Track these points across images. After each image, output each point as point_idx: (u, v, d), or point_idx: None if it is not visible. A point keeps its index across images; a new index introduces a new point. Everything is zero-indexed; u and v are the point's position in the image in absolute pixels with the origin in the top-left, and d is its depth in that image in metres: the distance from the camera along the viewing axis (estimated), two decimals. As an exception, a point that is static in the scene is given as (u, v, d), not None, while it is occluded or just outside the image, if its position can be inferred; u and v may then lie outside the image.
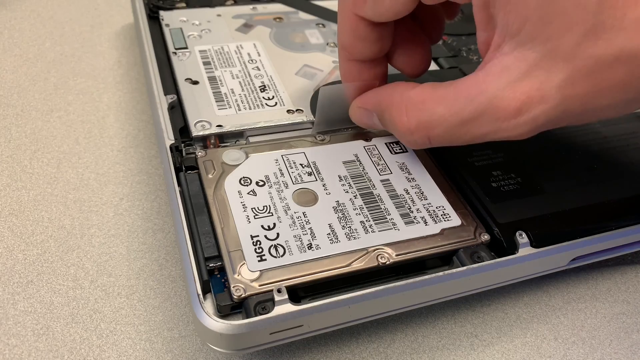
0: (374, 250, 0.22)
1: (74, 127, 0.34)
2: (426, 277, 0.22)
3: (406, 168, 0.26)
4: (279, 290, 0.21)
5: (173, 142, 0.27)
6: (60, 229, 0.28)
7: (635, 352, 0.25)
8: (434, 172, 0.26)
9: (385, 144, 0.28)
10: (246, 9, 0.38)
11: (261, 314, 0.20)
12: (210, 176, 0.24)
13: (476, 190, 0.25)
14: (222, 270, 0.21)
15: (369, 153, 0.27)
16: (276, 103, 0.30)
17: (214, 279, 0.21)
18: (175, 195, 0.24)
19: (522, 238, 0.24)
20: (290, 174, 0.25)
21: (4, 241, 0.27)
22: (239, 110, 0.29)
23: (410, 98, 0.22)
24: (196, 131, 0.27)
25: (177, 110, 0.29)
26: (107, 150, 0.33)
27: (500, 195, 0.25)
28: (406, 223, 0.24)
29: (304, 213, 0.23)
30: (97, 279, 0.26)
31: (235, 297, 0.20)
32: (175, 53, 0.33)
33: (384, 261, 0.22)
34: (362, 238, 0.23)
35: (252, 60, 0.33)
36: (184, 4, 0.38)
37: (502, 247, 0.24)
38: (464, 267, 0.23)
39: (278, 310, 0.20)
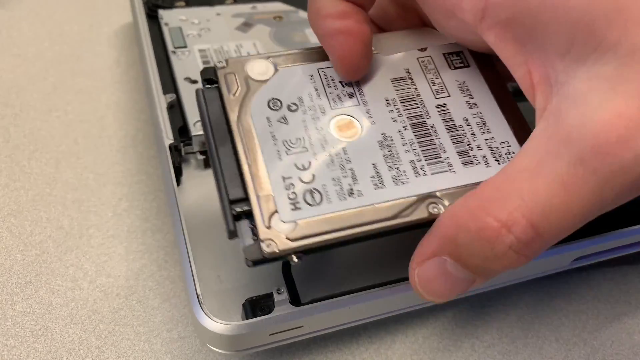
0: (426, 198, 0.19)
1: (72, 127, 0.34)
2: (427, 277, 0.22)
3: (467, 90, 0.22)
4: (279, 291, 0.20)
5: (172, 141, 0.27)
6: (58, 229, 0.28)
7: (637, 353, 0.25)
8: (500, 95, 0.22)
9: (444, 54, 0.22)
10: (246, 7, 0.38)
11: (261, 315, 0.20)
12: (232, 96, 0.20)
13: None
14: (249, 215, 0.18)
15: (423, 67, 0.22)
16: (276, 103, 0.30)
17: (240, 223, 0.18)
18: (174, 195, 0.24)
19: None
20: (328, 94, 0.21)
21: (2, 241, 0.27)
22: (239, 109, 0.29)
23: (483, 195, 0.17)
24: (195, 131, 0.27)
25: (176, 109, 0.29)
26: (106, 150, 0.33)
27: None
28: (464, 164, 0.20)
29: (344, 149, 0.19)
30: (96, 280, 0.26)
31: (266, 252, 0.17)
32: (174, 52, 0.33)
33: (436, 212, 0.18)
34: (412, 183, 0.19)
35: (251, 60, 0.33)
36: (183, 3, 0.38)
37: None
38: (465, 268, 0.23)
39: (278, 310, 0.20)
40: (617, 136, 0.14)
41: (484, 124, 0.21)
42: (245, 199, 0.18)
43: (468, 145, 0.20)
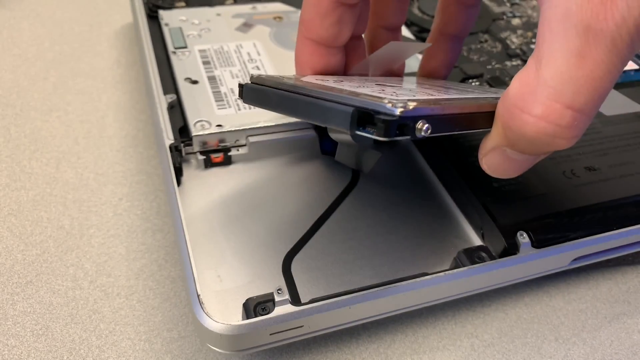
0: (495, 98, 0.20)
1: (73, 127, 0.34)
2: (427, 277, 0.22)
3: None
4: (279, 291, 0.20)
5: (172, 141, 0.27)
6: (59, 229, 0.28)
7: (636, 353, 0.25)
8: None
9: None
10: (246, 8, 0.38)
11: (261, 315, 0.20)
12: (285, 80, 0.21)
13: (477, 191, 0.25)
14: (362, 122, 0.17)
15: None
16: (276, 103, 0.30)
17: (362, 129, 0.17)
18: (174, 195, 0.24)
19: (523, 238, 0.24)
20: (359, 80, 0.23)
21: (3, 241, 0.27)
22: (239, 109, 0.29)
23: (515, 91, 0.17)
24: (196, 131, 0.27)
25: (176, 109, 0.29)
26: (107, 150, 0.33)
27: (501, 196, 0.25)
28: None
29: (409, 87, 0.22)
30: (97, 280, 0.26)
31: (398, 111, 0.16)
32: (174, 52, 0.33)
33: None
34: (475, 93, 0.22)
35: (251, 60, 0.33)
36: (183, 3, 0.38)
37: (504, 247, 0.24)
38: (465, 268, 0.23)
39: (278, 310, 0.20)
40: None
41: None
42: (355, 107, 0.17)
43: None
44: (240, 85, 0.22)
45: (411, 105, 0.16)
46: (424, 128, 0.17)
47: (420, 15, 0.40)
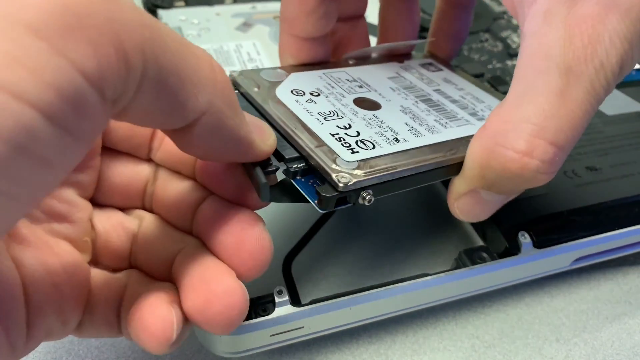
0: (462, 139, 0.20)
1: (72, 127, 0.34)
2: (428, 278, 0.22)
3: (450, 81, 0.25)
4: (279, 292, 0.20)
5: (172, 142, 0.27)
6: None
7: (637, 354, 0.25)
8: (475, 82, 0.26)
9: (420, 64, 0.27)
10: (245, 7, 0.38)
11: (261, 316, 0.20)
12: (256, 89, 0.21)
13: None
14: (306, 173, 0.18)
15: (408, 71, 0.26)
16: (276, 102, 0.30)
17: (298, 182, 0.18)
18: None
19: (525, 239, 0.23)
20: (341, 86, 0.23)
21: (2, 242, 0.27)
22: (239, 109, 0.29)
23: (494, 129, 0.18)
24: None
25: (176, 109, 0.29)
26: (106, 150, 0.33)
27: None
28: (479, 119, 0.23)
29: (374, 115, 0.21)
30: (96, 280, 0.26)
31: (340, 185, 0.17)
32: (174, 52, 0.33)
33: None
34: (443, 132, 0.21)
35: (251, 60, 0.33)
36: (182, 3, 0.38)
37: (505, 247, 0.24)
38: (466, 268, 0.23)
39: (279, 311, 0.20)
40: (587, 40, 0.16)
41: (477, 98, 0.24)
42: (300, 157, 0.18)
43: (473, 109, 0.23)
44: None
45: (350, 179, 0.17)
46: (366, 198, 0.17)
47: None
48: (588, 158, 0.28)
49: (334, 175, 0.17)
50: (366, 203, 0.17)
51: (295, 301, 0.21)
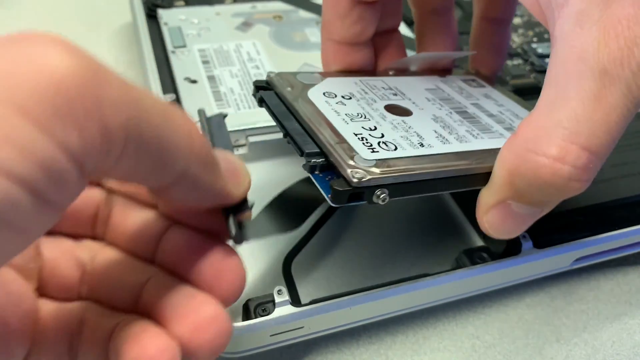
0: (492, 151, 0.19)
1: (72, 127, 0.34)
2: (428, 278, 0.22)
3: (491, 97, 0.25)
4: (279, 292, 0.20)
5: (172, 141, 0.26)
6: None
7: (638, 354, 0.25)
8: (518, 101, 0.25)
9: (462, 80, 0.26)
10: (245, 7, 0.38)
11: (261, 316, 0.20)
12: (289, 89, 0.21)
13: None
14: (325, 169, 0.18)
15: (448, 84, 0.25)
16: (276, 102, 0.30)
17: (316, 177, 0.18)
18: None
19: (525, 239, 0.23)
20: (374, 93, 0.23)
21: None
22: (239, 109, 0.29)
23: (525, 135, 0.17)
24: (195, 131, 0.27)
25: (176, 109, 0.29)
26: (106, 150, 0.33)
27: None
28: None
29: (403, 121, 0.21)
30: (95, 280, 0.26)
31: (354, 180, 0.17)
32: (173, 52, 0.33)
33: None
34: (473, 142, 0.20)
35: (251, 59, 0.33)
36: (182, 2, 0.38)
37: (505, 247, 0.24)
38: (466, 268, 0.23)
39: (279, 311, 0.20)
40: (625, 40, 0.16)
41: (516, 114, 0.24)
42: (320, 153, 0.18)
43: (510, 124, 0.23)
44: (257, 87, 0.22)
45: (365, 176, 0.17)
46: (380, 197, 0.17)
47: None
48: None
49: (348, 171, 0.17)
50: (380, 202, 0.17)
51: (295, 301, 0.21)
